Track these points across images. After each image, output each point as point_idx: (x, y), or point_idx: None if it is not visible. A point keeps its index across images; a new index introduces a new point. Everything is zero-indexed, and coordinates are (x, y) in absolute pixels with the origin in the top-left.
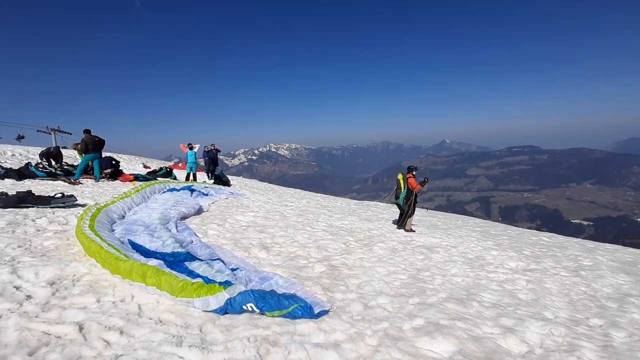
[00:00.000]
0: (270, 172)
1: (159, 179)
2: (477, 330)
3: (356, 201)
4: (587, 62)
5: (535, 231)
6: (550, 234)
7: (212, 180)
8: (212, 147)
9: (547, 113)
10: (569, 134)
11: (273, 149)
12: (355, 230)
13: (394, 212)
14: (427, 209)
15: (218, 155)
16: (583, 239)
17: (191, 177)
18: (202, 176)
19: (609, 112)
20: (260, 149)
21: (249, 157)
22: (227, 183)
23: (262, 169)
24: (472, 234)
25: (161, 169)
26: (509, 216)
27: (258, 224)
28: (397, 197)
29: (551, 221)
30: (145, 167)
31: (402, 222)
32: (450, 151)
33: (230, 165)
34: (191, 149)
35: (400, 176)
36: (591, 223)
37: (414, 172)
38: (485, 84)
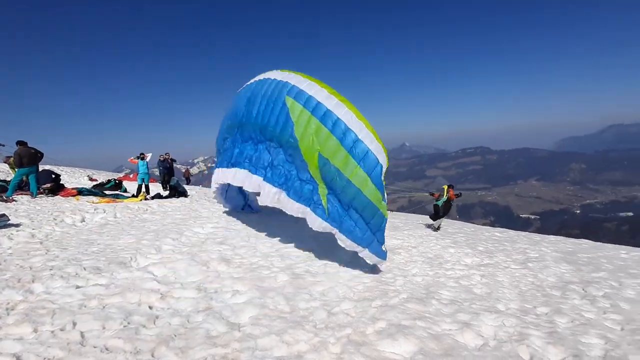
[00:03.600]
0: None
1: (107, 192)
2: (436, 328)
3: None
4: (529, 68)
5: (488, 227)
6: (501, 229)
7: (167, 192)
8: (167, 156)
9: (496, 115)
10: (515, 135)
11: None
12: (320, 235)
13: None
14: (390, 210)
15: (174, 165)
16: (530, 232)
17: (143, 189)
18: (155, 187)
19: (549, 114)
20: None
21: (209, 165)
22: (183, 194)
23: None
24: (432, 233)
25: (109, 181)
26: (465, 214)
27: (218, 236)
28: (437, 200)
29: (503, 217)
30: (91, 179)
31: (437, 220)
32: (410, 154)
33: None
34: (142, 159)
35: (445, 186)
36: (537, 217)
37: (453, 187)
38: (440, 90)
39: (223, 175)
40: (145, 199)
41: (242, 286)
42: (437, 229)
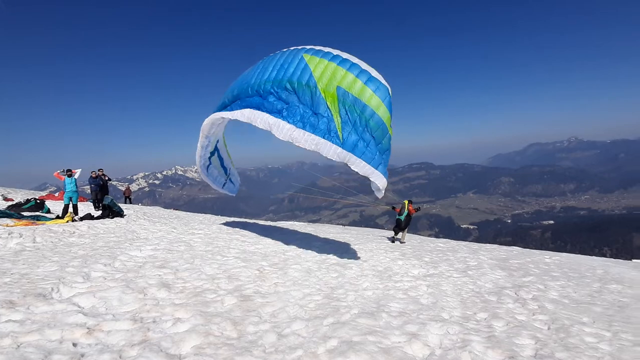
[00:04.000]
0: (177, 197)
1: (25, 213)
2: (386, 342)
3: (271, 223)
4: (463, 91)
5: (433, 238)
6: (445, 239)
7: (100, 212)
8: (100, 173)
9: (438, 133)
10: (454, 151)
11: (180, 172)
12: (269, 254)
13: (310, 231)
14: (343, 225)
15: (109, 182)
16: (470, 241)
17: (70, 209)
18: (86, 207)
19: (482, 132)
20: (164, 172)
21: (151, 181)
22: (119, 213)
23: (166, 194)
24: (381, 246)
25: (28, 200)
26: (413, 226)
27: (158, 259)
28: (399, 215)
29: (446, 227)
30: (5, 199)
31: (401, 234)
32: None
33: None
34: (70, 175)
35: (406, 202)
36: (475, 227)
37: (412, 202)
38: None
39: (230, 114)
40: (73, 220)
41: (185, 313)
42: (401, 241)
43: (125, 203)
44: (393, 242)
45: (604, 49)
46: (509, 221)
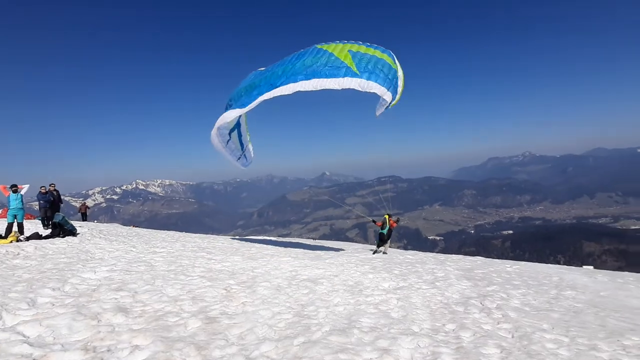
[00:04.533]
0: (138, 212)
1: None
2: (358, 359)
3: (239, 238)
4: (427, 107)
5: (402, 250)
6: (413, 251)
7: (49, 230)
8: (51, 188)
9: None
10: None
11: (141, 186)
12: (237, 272)
13: (280, 245)
14: (314, 239)
15: (63, 198)
16: (437, 252)
17: (15, 228)
18: (33, 225)
19: (446, 147)
20: (124, 187)
21: (108, 196)
22: (71, 232)
23: (126, 210)
24: (352, 260)
25: None
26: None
27: (115, 281)
28: (382, 229)
29: (414, 239)
30: None
31: (383, 246)
32: (330, 182)
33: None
34: (15, 191)
35: (386, 216)
36: (442, 238)
37: (392, 215)
38: (356, 123)
39: (278, 90)
40: (18, 240)
41: (144, 339)
42: (384, 252)
43: (83, 220)
44: (374, 253)
45: (551, 73)
46: (472, 232)
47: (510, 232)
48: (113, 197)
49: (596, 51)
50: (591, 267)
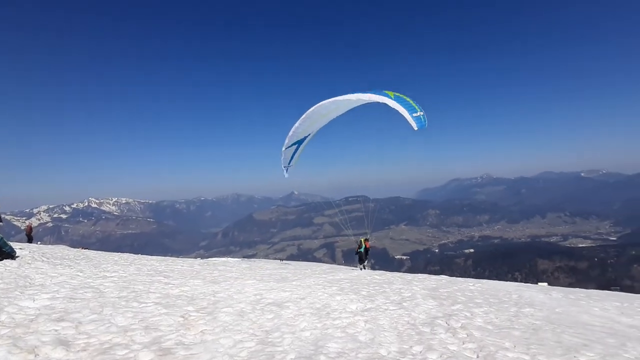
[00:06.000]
0: (89, 233)
1: None
2: None
3: (201, 260)
4: (391, 131)
5: (370, 271)
6: (380, 271)
7: None
8: None
9: (371, 167)
10: (388, 185)
11: (94, 204)
12: (197, 297)
13: (245, 267)
14: (281, 259)
15: (1, 216)
16: (404, 271)
17: None
18: None
19: (410, 168)
20: (74, 205)
21: (56, 215)
22: (10, 255)
23: (75, 231)
24: (320, 281)
25: None
26: (350, 258)
27: (56, 310)
28: (360, 248)
29: (381, 258)
30: None
31: (363, 265)
32: (298, 202)
33: (22, 228)
34: None
35: (362, 239)
36: (408, 257)
37: (368, 237)
38: (322, 145)
39: (364, 96)
40: None
41: None
42: (365, 267)
43: (28, 242)
44: (361, 270)
45: (505, 102)
46: (437, 250)
47: (472, 250)
48: (61, 215)
49: (540, 85)
50: (546, 284)
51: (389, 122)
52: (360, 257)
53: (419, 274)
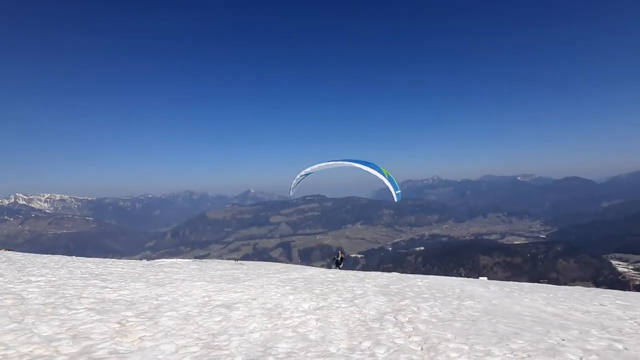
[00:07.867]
0: (15, 233)
1: None
2: None
3: (145, 262)
4: (351, 131)
5: (325, 269)
6: (335, 269)
7: None
8: None
9: (329, 167)
10: (345, 185)
11: (22, 201)
12: (137, 301)
13: (195, 268)
14: (235, 259)
15: None
16: (358, 270)
17: None
18: None
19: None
20: None
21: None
22: None
23: None
24: (273, 281)
25: None
26: (306, 257)
27: None
28: (337, 257)
29: None
30: None
31: (339, 267)
32: (255, 200)
33: None
34: None
35: (340, 252)
36: (363, 255)
37: (344, 252)
38: (280, 142)
39: (348, 163)
40: None
41: None
42: (342, 268)
43: None
44: (339, 268)
45: (457, 110)
46: (390, 249)
47: (422, 248)
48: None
49: (487, 95)
50: (485, 278)
51: (349, 134)
52: (337, 264)
53: (372, 272)
